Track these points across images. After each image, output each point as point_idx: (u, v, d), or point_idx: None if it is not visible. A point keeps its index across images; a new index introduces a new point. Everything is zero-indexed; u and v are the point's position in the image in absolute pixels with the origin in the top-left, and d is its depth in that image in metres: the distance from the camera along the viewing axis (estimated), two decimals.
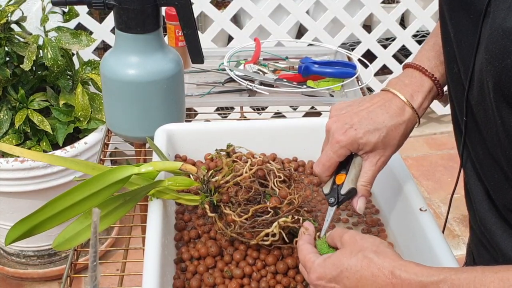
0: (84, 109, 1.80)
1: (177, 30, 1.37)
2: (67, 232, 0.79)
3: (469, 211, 0.82)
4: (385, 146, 0.79)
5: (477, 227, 0.80)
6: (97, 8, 1.01)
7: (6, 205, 1.84)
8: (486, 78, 0.65)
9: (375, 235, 0.88)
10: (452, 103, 0.79)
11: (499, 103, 0.63)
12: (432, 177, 2.57)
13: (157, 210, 0.82)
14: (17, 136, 1.81)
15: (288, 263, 0.79)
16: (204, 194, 0.81)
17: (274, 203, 0.78)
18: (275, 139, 1.02)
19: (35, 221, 0.77)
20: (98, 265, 0.68)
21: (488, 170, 0.73)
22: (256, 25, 2.42)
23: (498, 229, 0.74)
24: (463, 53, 0.71)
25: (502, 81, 0.62)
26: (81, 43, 1.83)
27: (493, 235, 0.75)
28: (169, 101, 1.09)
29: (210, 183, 0.80)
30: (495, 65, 0.62)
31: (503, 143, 0.66)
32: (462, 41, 0.71)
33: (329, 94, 1.36)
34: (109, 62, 1.07)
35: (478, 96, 0.69)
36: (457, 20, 0.72)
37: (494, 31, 0.62)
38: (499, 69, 0.62)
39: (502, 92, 0.62)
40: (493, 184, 0.73)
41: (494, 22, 0.63)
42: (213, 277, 0.79)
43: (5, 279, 2.01)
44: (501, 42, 0.61)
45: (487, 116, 0.68)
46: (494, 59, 0.62)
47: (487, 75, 0.64)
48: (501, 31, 0.61)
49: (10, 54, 1.80)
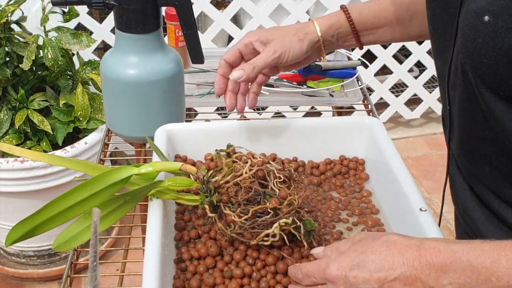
0: (84, 109, 1.80)
1: (177, 30, 1.37)
2: (67, 232, 0.79)
3: (454, 203, 0.85)
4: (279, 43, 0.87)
5: (460, 215, 0.82)
6: (97, 8, 1.01)
7: (6, 205, 1.84)
8: (462, 61, 0.67)
9: None
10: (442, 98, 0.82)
11: (478, 84, 0.65)
12: (432, 177, 2.57)
13: (157, 210, 0.82)
14: (17, 136, 1.81)
15: (288, 263, 0.79)
16: (204, 194, 0.81)
17: (274, 204, 0.78)
18: (275, 139, 1.02)
19: (36, 222, 0.77)
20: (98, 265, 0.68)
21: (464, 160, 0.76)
22: (256, 25, 2.42)
23: (479, 216, 0.77)
24: (446, 46, 0.73)
25: (475, 60, 0.63)
26: (82, 44, 1.83)
27: (475, 222, 0.77)
28: (169, 101, 1.09)
29: (210, 183, 0.80)
30: (467, 46, 0.64)
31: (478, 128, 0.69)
32: (446, 35, 0.73)
33: (329, 94, 1.36)
34: (109, 62, 1.07)
35: (453, 83, 0.72)
36: (439, 16, 0.74)
37: (467, 15, 0.65)
38: (471, 49, 0.64)
39: (477, 72, 0.64)
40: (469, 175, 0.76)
41: (468, 7, 0.65)
42: (213, 277, 0.79)
43: (5, 279, 2.01)
44: (473, 23, 0.63)
45: (461, 103, 0.71)
46: (467, 40, 0.64)
47: (463, 58, 0.66)
48: (473, 13, 0.63)
49: (10, 54, 1.80)
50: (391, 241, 0.63)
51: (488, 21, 0.61)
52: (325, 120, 1.09)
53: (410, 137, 2.88)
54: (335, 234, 0.88)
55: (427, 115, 2.94)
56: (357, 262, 0.62)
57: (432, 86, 2.86)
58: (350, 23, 0.89)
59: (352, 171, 1.01)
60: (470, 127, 0.71)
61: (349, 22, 0.89)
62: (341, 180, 1.00)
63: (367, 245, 0.64)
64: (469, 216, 0.79)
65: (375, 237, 0.64)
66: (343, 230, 0.89)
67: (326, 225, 0.89)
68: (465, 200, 0.79)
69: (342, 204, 0.94)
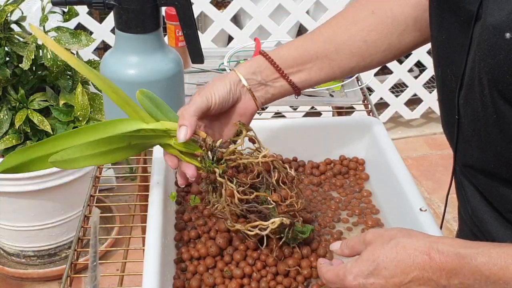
0: (84, 109, 1.80)
1: (177, 30, 1.37)
2: (66, 153, 0.75)
3: (460, 203, 0.84)
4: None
5: (468, 217, 0.82)
6: (97, 8, 1.01)
7: (6, 205, 1.84)
8: (479, 75, 0.66)
9: None
10: (440, 105, 0.81)
11: (495, 98, 0.65)
12: (432, 177, 2.57)
13: (157, 210, 0.82)
14: (17, 136, 1.81)
15: (289, 264, 0.79)
16: (210, 161, 0.79)
17: (276, 198, 0.77)
18: (275, 139, 1.02)
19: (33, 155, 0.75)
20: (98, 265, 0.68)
21: (475, 170, 0.75)
22: (256, 25, 2.42)
23: (489, 218, 0.76)
24: (455, 55, 0.72)
25: (495, 77, 0.63)
26: (81, 43, 1.83)
27: (484, 223, 0.77)
28: (169, 101, 1.09)
29: (217, 152, 0.79)
30: (488, 62, 0.64)
31: (492, 141, 0.68)
32: (454, 43, 0.72)
33: (329, 94, 1.36)
34: (109, 62, 1.07)
35: (467, 95, 0.70)
36: (447, 23, 0.73)
37: (485, 29, 0.64)
38: (492, 65, 0.63)
39: (497, 87, 0.64)
40: (481, 184, 0.75)
41: (485, 21, 0.64)
42: (213, 277, 0.79)
43: (5, 279, 2.01)
44: (492, 39, 0.63)
45: (474, 115, 0.70)
46: (487, 56, 0.64)
47: (481, 72, 0.66)
48: (491, 29, 0.63)
49: (9, 54, 1.80)
50: (400, 246, 0.64)
51: (511, 38, 0.61)
52: (325, 120, 1.09)
53: (410, 137, 2.88)
54: (335, 234, 0.88)
55: (427, 115, 2.93)
56: (371, 271, 0.64)
57: (432, 86, 2.86)
58: (269, 61, 0.86)
59: (352, 171, 1.01)
60: (484, 140, 0.70)
61: (268, 60, 0.86)
62: (341, 180, 1.00)
63: (377, 252, 0.65)
64: (478, 218, 0.78)
65: (384, 241, 0.66)
66: (343, 230, 0.89)
67: (326, 225, 0.89)
68: (474, 203, 0.78)
69: (342, 204, 0.94)
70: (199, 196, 0.93)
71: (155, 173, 0.90)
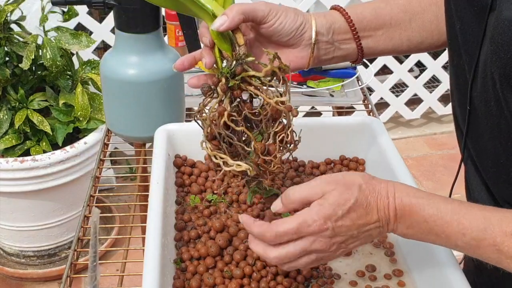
0: (84, 109, 1.80)
1: (177, 30, 1.37)
2: None
3: (468, 199, 0.83)
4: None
5: None
6: (97, 8, 1.01)
7: (6, 205, 1.84)
8: (491, 69, 0.65)
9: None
10: (453, 94, 0.80)
11: (506, 93, 0.64)
12: (432, 177, 2.57)
13: (157, 210, 0.82)
14: (17, 136, 1.81)
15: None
16: (228, 68, 0.72)
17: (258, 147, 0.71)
18: None
19: None
20: (98, 265, 0.68)
21: (486, 162, 0.74)
22: None
23: None
24: (468, 45, 0.71)
25: (507, 72, 0.63)
26: (81, 44, 1.83)
27: None
28: (169, 101, 1.09)
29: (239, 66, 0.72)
30: (501, 56, 0.63)
31: (504, 135, 0.68)
32: (467, 33, 0.71)
33: (329, 94, 1.36)
34: (109, 62, 1.07)
35: (481, 87, 0.69)
36: (462, 12, 0.72)
37: (500, 23, 0.63)
38: (504, 60, 0.62)
39: (508, 82, 0.63)
40: (490, 177, 0.75)
41: (500, 14, 0.63)
42: (213, 277, 0.78)
43: (5, 279, 2.01)
44: (507, 33, 0.62)
45: (487, 107, 0.69)
46: (500, 50, 0.63)
47: (493, 66, 0.65)
48: (507, 23, 0.62)
49: (9, 54, 1.80)
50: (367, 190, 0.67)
51: None
52: (325, 120, 1.08)
53: (410, 137, 2.88)
54: None
55: (428, 115, 2.93)
56: (340, 215, 0.66)
57: (432, 86, 2.86)
58: (347, 19, 0.80)
59: (352, 171, 1.01)
60: (494, 134, 0.70)
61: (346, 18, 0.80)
62: None
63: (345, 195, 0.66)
64: None
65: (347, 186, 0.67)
66: None
67: None
68: (482, 199, 0.78)
69: None
70: (199, 196, 0.93)
71: (155, 173, 0.90)
